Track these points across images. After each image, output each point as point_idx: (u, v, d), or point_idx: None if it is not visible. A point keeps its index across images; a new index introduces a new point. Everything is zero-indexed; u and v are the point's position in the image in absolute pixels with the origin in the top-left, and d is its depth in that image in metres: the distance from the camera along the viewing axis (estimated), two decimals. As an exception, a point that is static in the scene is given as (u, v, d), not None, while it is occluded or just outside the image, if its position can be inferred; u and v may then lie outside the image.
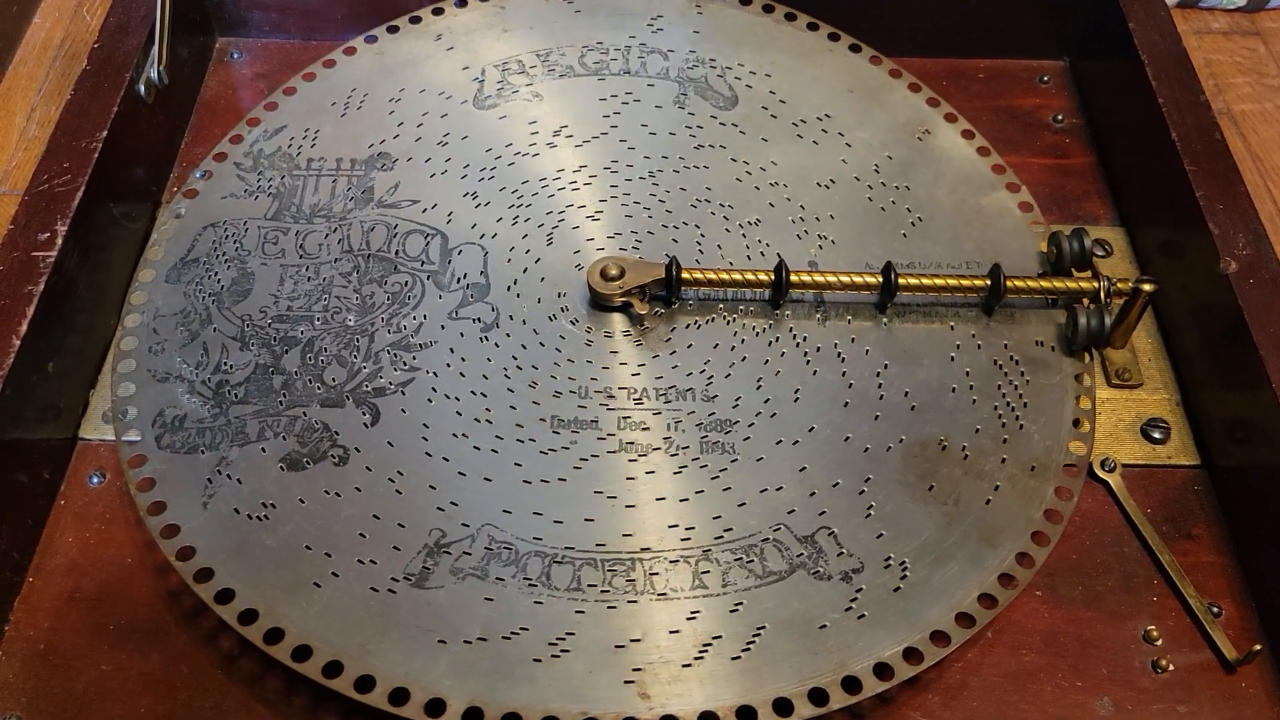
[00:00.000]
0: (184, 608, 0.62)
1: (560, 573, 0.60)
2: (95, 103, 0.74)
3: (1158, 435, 0.70)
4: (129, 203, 0.76)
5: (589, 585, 0.59)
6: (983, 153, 0.78)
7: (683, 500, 0.63)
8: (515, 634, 0.58)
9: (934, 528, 0.62)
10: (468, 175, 0.76)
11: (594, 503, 0.62)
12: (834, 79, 0.81)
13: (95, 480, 0.67)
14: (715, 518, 0.62)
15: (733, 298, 0.71)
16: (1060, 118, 0.87)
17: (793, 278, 0.69)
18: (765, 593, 0.59)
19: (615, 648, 0.57)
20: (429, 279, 0.71)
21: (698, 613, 0.59)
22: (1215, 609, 0.64)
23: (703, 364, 0.68)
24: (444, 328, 0.69)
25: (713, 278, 0.69)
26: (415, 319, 0.69)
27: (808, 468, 0.64)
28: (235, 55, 0.90)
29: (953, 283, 0.70)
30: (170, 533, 0.61)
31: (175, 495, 0.62)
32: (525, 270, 0.72)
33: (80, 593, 0.63)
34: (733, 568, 0.60)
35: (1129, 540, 0.66)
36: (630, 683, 0.56)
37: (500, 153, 0.77)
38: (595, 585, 0.59)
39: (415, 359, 0.68)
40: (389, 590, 0.59)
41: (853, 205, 0.75)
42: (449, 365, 0.68)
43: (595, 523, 0.62)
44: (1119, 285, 0.69)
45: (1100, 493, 0.68)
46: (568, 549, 0.61)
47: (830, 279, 0.69)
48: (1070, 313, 0.70)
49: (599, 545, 0.61)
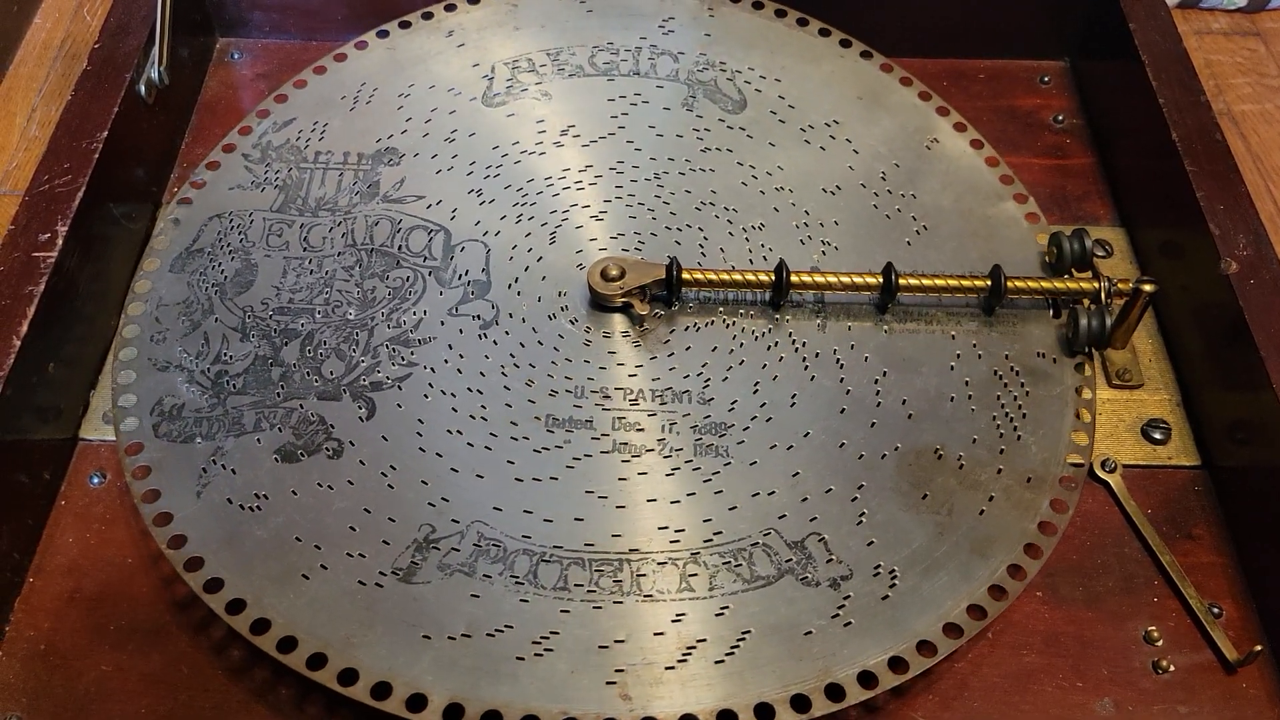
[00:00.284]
0: (184, 608, 0.62)
1: (547, 571, 0.60)
2: (96, 103, 0.75)
3: (1158, 436, 0.70)
4: (129, 203, 0.76)
5: (575, 585, 0.59)
6: (991, 163, 0.77)
7: (674, 502, 0.63)
8: (500, 631, 0.58)
9: (925, 537, 0.62)
10: (474, 172, 0.76)
11: (585, 502, 0.62)
12: (844, 85, 0.81)
13: (96, 480, 0.67)
14: (705, 521, 0.62)
15: (733, 299, 0.71)
16: (1061, 118, 0.87)
17: (793, 278, 0.69)
18: (752, 597, 0.59)
19: (599, 648, 0.57)
20: (430, 275, 0.71)
21: (683, 615, 0.59)
22: (1216, 609, 0.64)
23: (700, 366, 0.68)
24: (443, 324, 0.69)
25: (713, 278, 0.69)
26: (415, 314, 0.70)
27: (801, 473, 0.64)
28: (236, 56, 0.90)
29: (953, 283, 0.69)
30: (163, 521, 0.61)
31: (170, 484, 0.63)
32: (527, 268, 0.72)
33: (81, 593, 0.63)
34: (720, 571, 0.60)
35: (1130, 541, 0.66)
36: (612, 684, 0.56)
37: (507, 150, 0.77)
38: (582, 585, 0.59)
39: (413, 354, 0.68)
40: (376, 584, 0.59)
41: (857, 212, 0.75)
42: (447, 361, 0.68)
43: (585, 522, 0.62)
44: (1119, 286, 0.69)
45: (1101, 493, 0.68)
46: (556, 548, 0.61)
47: (831, 279, 0.69)
48: (1071, 313, 0.70)
49: (587, 545, 0.61)
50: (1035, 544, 0.62)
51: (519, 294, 0.71)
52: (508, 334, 0.69)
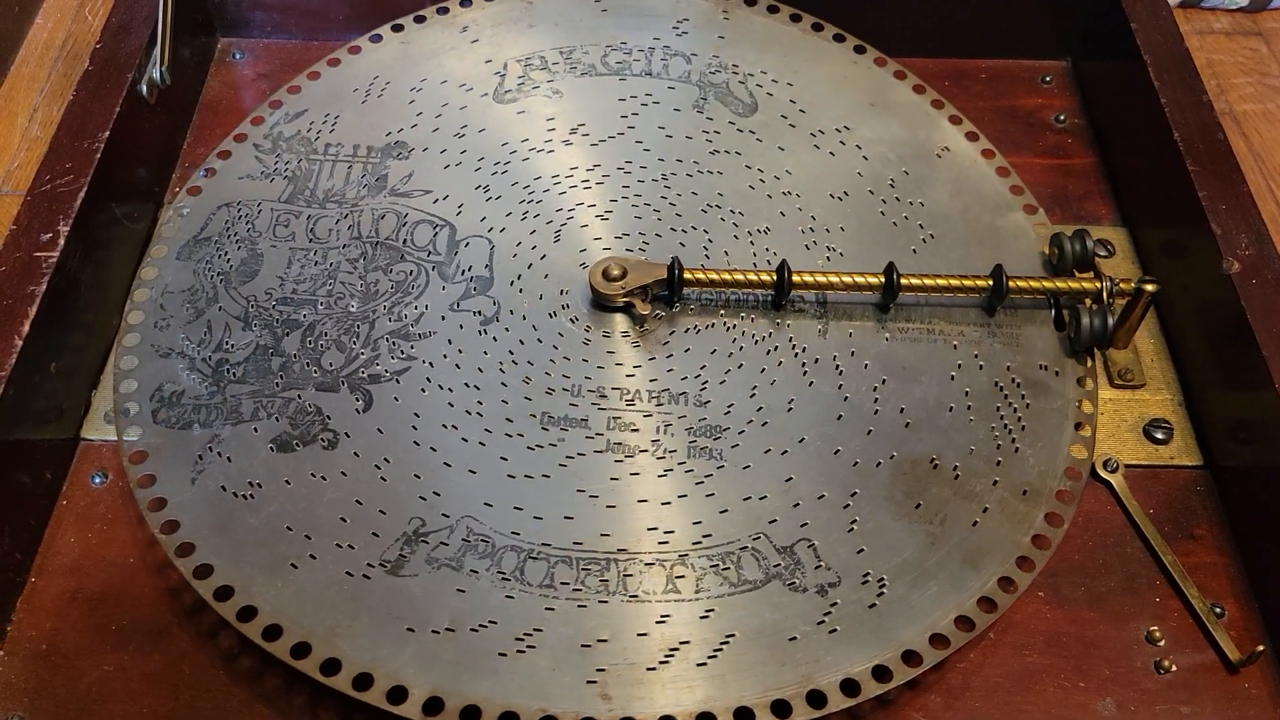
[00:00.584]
0: (186, 608, 0.62)
1: (534, 568, 0.60)
2: (97, 103, 0.75)
3: (1160, 436, 0.70)
4: (131, 203, 0.76)
5: (562, 583, 0.59)
6: (1002, 173, 0.77)
7: (664, 504, 0.63)
8: (483, 627, 0.58)
9: (916, 546, 0.62)
10: (481, 168, 0.76)
11: (575, 501, 0.62)
12: (856, 90, 0.81)
13: (97, 480, 0.67)
14: (695, 523, 0.62)
15: (735, 302, 0.71)
16: (1062, 118, 0.87)
17: (795, 278, 0.69)
18: (738, 601, 0.59)
19: (581, 647, 0.57)
20: (434, 269, 0.72)
21: (668, 617, 0.59)
22: (1218, 609, 0.64)
23: (699, 368, 0.68)
24: (444, 319, 0.69)
25: (715, 278, 0.69)
26: (417, 308, 0.70)
27: (794, 478, 0.64)
28: (237, 55, 0.90)
29: (955, 283, 0.69)
30: (157, 506, 0.62)
31: (166, 469, 0.63)
32: (530, 266, 0.72)
33: (82, 593, 0.63)
34: (708, 574, 0.60)
35: (1131, 541, 0.66)
36: (593, 683, 0.56)
37: (515, 147, 0.77)
38: (568, 583, 0.59)
39: (413, 348, 0.68)
40: (364, 575, 0.59)
41: (864, 218, 0.75)
42: (445, 356, 0.68)
43: (574, 521, 0.62)
44: (1121, 286, 0.69)
45: (1103, 493, 0.68)
46: (544, 545, 0.61)
47: (833, 279, 0.69)
48: (1073, 313, 0.69)
49: (576, 544, 0.61)
50: (1028, 557, 0.62)
51: (521, 291, 0.71)
52: (508, 331, 0.69)
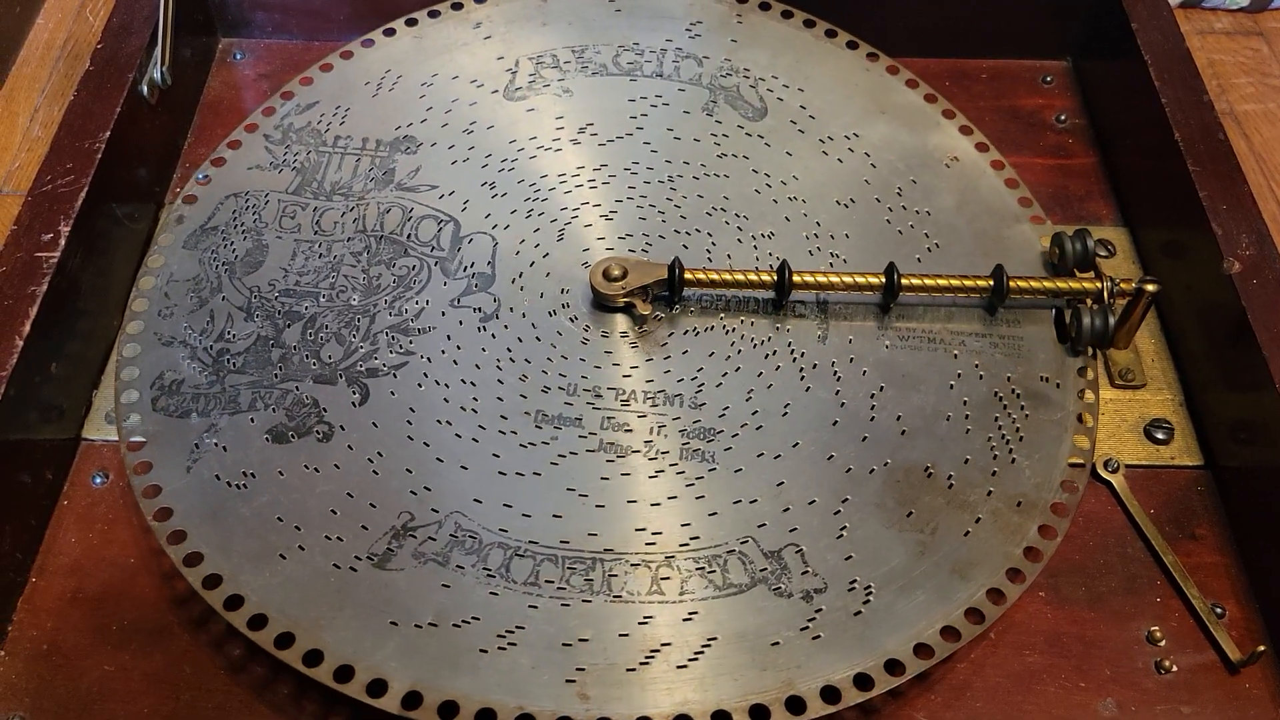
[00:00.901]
0: (187, 608, 0.62)
1: (520, 566, 0.60)
2: (98, 103, 0.75)
3: (1161, 436, 0.70)
4: (132, 203, 0.76)
5: (546, 581, 0.60)
6: (1011, 184, 0.76)
7: (654, 505, 0.63)
8: (466, 623, 0.58)
9: (906, 555, 0.61)
10: (488, 165, 0.76)
11: (564, 500, 0.63)
12: (867, 99, 0.80)
13: (98, 480, 0.67)
14: (684, 525, 0.62)
15: (736, 305, 0.71)
16: (1063, 118, 0.87)
17: (795, 278, 0.69)
18: (722, 604, 0.59)
19: (562, 645, 0.57)
20: (436, 265, 0.72)
21: (650, 618, 0.59)
22: (1219, 610, 0.64)
23: (695, 371, 0.68)
24: (444, 314, 0.70)
25: (716, 278, 0.69)
26: (417, 303, 0.70)
27: (785, 483, 0.64)
28: (238, 56, 0.90)
29: (955, 283, 0.69)
30: (152, 493, 0.62)
31: (162, 456, 0.64)
32: (532, 264, 0.72)
33: (83, 593, 0.63)
34: (693, 576, 0.60)
35: (1132, 541, 0.66)
36: (572, 682, 0.56)
37: (523, 145, 0.77)
38: (552, 581, 0.60)
39: (412, 343, 0.68)
40: (351, 568, 0.60)
41: (869, 225, 0.74)
42: (444, 352, 0.68)
43: (563, 520, 0.62)
44: (1122, 286, 0.69)
45: (1103, 493, 0.68)
46: (531, 543, 0.61)
47: (834, 279, 0.69)
48: (1074, 313, 0.69)
49: (563, 542, 0.61)
50: (1019, 569, 0.61)
51: (522, 289, 0.71)
52: (507, 328, 0.69)
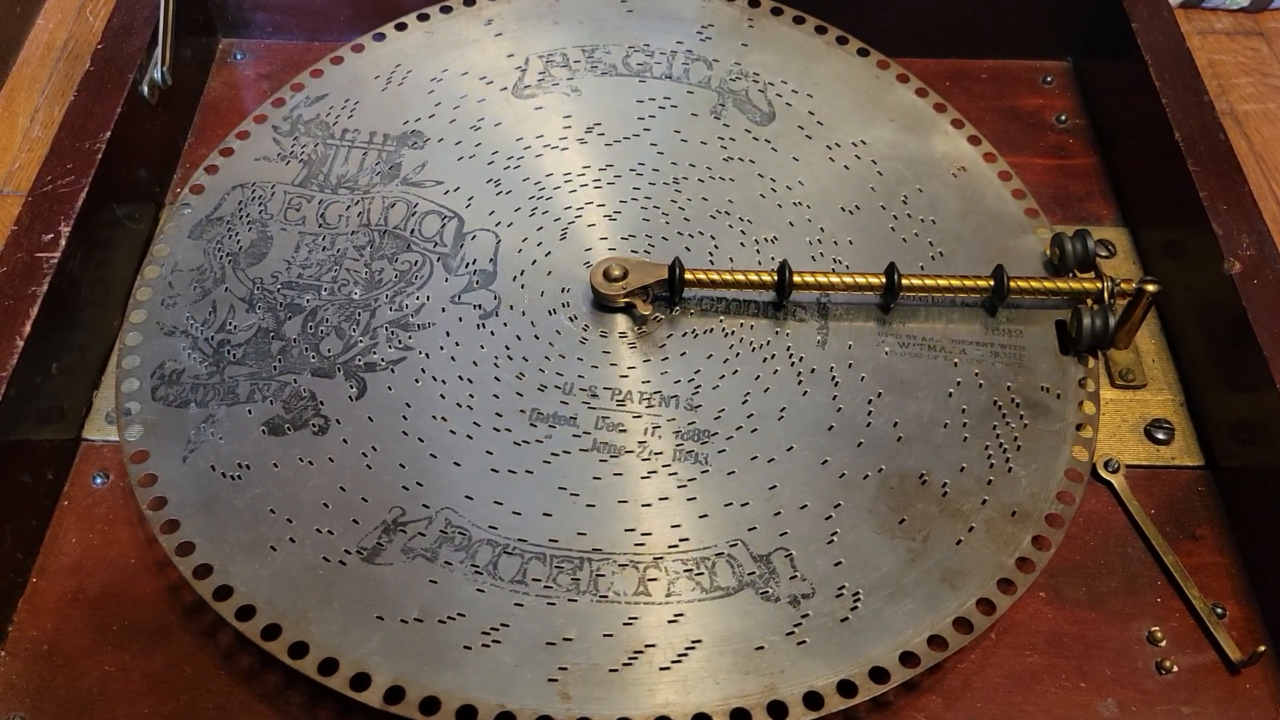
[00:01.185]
0: (187, 608, 0.63)
1: (508, 564, 0.60)
2: (98, 104, 0.75)
3: (1161, 436, 0.70)
4: (132, 203, 0.76)
5: (533, 579, 0.60)
6: (1018, 195, 0.76)
7: (645, 506, 0.63)
8: (451, 619, 0.58)
9: (896, 562, 0.61)
10: (494, 162, 0.77)
11: (555, 499, 0.63)
12: (875, 106, 0.80)
13: (99, 481, 0.68)
14: (674, 526, 0.62)
15: (736, 307, 0.71)
16: (1063, 118, 0.87)
17: (796, 278, 0.68)
18: (708, 607, 0.59)
19: (546, 644, 0.57)
20: (439, 261, 0.72)
21: (635, 619, 0.59)
22: (1219, 610, 0.63)
23: (693, 373, 0.68)
24: (444, 310, 0.70)
25: (716, 278, 0.69)
26: (418, 299, 0.70)
27: (778, 486, 0.63)
28: (238, 56, 0.90)
29: (955, 283, 0.69)
30: (148, 481, 0.63)
31: (159, 446, 0.64)
32: (534, 262, 0.72)
33: (84, 593, 0.63)
34: (680, 578, 0.60)
35: (1133, 541, 0.66)
36: (554, 681, 0.56)
37: (530, 143, 0.78)
38: (539, 580, 0.60)
39: (411, 338, 0.69)
40: (340, 562, 0.60)
41: (874, 232, 0.74)
42: (442, 348, 0.68)
43: (552, 518, 0.62)
44: (1122, 286, 0.69)
45: (1104, 494, 0.68)
46: (520, 541, 0.61)
47: (834, 279, 0.69)
48: (1074, 314, 0.69)
49: (551, 541, 0.61)
50: (1010, 580, 0.61)
51: (523, 287, 0.71)
52: (506, 326, 0.69)
